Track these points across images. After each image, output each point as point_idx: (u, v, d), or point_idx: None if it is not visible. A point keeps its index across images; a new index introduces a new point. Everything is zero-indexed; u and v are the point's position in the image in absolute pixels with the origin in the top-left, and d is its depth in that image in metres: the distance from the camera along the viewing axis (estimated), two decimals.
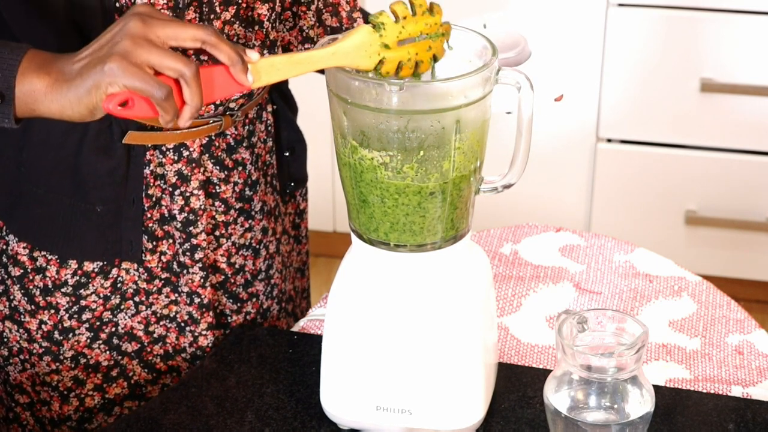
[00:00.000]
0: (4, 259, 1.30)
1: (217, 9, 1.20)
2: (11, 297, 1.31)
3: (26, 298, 1.30)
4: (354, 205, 1.12)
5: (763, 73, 2.48)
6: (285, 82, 1.46)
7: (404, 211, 1.09)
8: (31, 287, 1.30)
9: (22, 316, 1.31)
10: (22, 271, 1.29)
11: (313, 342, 1.31)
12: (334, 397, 1.17)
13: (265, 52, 1.26)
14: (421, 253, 1.12)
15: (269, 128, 1.38)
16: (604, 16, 2.50)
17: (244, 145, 1.32)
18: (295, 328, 1.39)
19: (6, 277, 1.31)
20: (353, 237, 1.14)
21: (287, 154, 1.43)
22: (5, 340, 1.33)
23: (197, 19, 1.19)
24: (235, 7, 1.22)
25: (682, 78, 2.52)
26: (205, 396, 1.23)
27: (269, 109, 1.37)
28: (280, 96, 1.42)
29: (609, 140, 2.64)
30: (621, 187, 2.66)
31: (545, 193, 2.70)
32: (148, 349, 1.35)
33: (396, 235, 1.11)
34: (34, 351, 1.32)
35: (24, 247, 1.28)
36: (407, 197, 1.08)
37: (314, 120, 2.09)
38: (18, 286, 1.30)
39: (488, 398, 1.18)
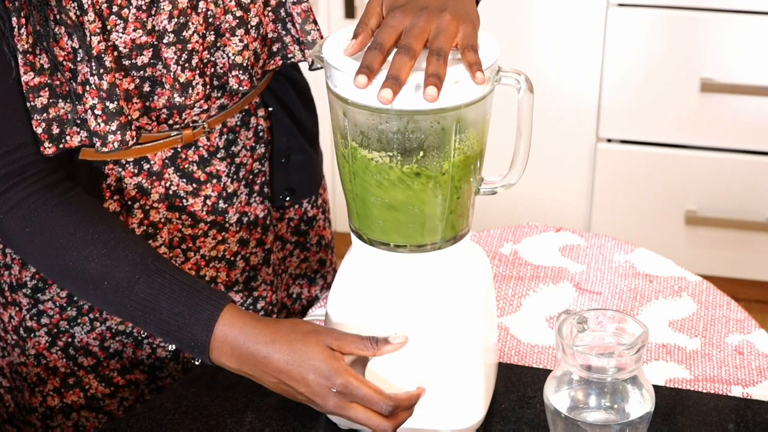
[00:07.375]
0: None
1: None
2: None
3: None
4: (354, 205, 1.12)
5: (763, 73, 2.48)
6: (290, 86, 1.39)
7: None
8: (1, 281, 1.31)
9: None
10: None
11: None
12: None
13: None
14: (421, 253, 1.11)
15: (260, 134, 1.34)
16: (604, 16, 2.50)
17: (219, 156, 1.29)
18: None
19: None
20: (353, 237, 1.14)
21: (283, 161, 1.39)
22: None
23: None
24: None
25: (682, 78, 2.52)
26: (205, 396, 1.23)
27: (261, 113, 1.33)
28: (278, 101, 1.36)
29: (609, 140, 2.64)
30: (621, 187, 2.65)
31: (545, 193, 2.70)
32: (105, 364, 1.34)
33: (396, 236, 1.11)
34: (9, 341, 1.34)
35: None
36: None
37: None
38: None
39: (488, 398, 1.18)
